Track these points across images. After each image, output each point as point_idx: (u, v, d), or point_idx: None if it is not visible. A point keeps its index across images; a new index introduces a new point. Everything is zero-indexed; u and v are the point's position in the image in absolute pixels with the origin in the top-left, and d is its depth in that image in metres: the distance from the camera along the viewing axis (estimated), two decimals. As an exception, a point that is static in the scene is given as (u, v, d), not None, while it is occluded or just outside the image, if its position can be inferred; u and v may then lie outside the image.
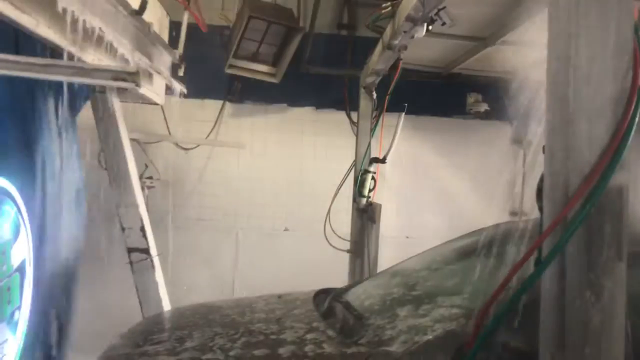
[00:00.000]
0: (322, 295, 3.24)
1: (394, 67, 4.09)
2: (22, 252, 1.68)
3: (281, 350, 2.34)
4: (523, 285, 1.26)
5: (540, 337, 1.29)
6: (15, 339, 1.65)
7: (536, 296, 1.29)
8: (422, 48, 4.46)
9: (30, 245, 1.74)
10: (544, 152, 1.36)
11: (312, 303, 3.08)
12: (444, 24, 3.02)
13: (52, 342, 2.20)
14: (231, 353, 2.31)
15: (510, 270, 1.29)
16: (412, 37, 3.29)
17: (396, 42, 3.48)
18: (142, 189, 4.31)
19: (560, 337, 1.24)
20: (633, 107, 1.19)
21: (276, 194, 5.92)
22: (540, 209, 1.35)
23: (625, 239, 1.21)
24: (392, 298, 2.91)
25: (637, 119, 1.20)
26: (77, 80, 1.91)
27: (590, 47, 1.20)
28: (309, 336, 2.50)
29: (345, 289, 3.36)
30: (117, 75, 1.68)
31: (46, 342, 2.22)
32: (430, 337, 2.30)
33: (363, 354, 2.32)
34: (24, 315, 1.74)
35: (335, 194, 5.35)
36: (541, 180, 1.36)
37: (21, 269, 1.70)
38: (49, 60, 1.84)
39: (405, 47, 3.52)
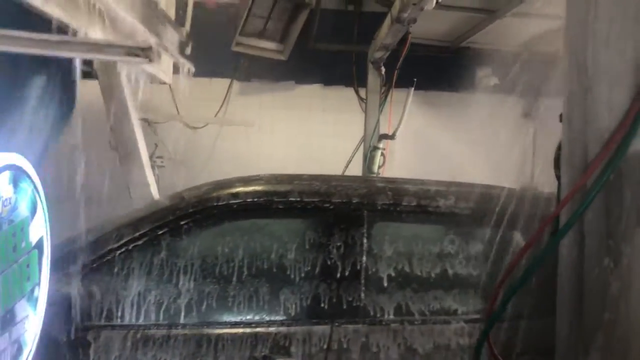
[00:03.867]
0: None
1: (403, 41, 4.06)
2: (40, 229, 1.69)
3: None
4: (540, 254, 1.26)
5: (557, 305, 1.29)
6: (36, 315, 1.67)
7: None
8: (431, 22, 4.41)
9: (47, 221, 1.75)
10: (560, 120, 1.34)
11: None
12: (453, -5, 2.98)
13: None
14: None
15: (527, 241, 1.29)
16: (422, 9, 3.25)
17: (405, 15, 3.44)
18: (153, 168, 4.32)
19: (578, 304, 1.24)
20: (654, 70, 1.17)
21: (285, 171, 5.91)
22: (558, 177, 1.35)
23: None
24: None
25: (658, 83, 1.18)
26: (90, 56, 1.90)
27: (609, 9, 1.17)
28: None
29: None
30: (130, 51, 1.67)
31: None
32: None
33: None
34: (43, 291, 1.75)
35: (344, 171, 5.36)
36: (559, 148, 1.34)
37: (39, 246, 1.71)
38: (61, 37, 1.84)
39: (415, 20, 3.49)
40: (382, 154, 4.70)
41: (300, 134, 5.90)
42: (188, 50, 4.38)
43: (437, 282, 2.31)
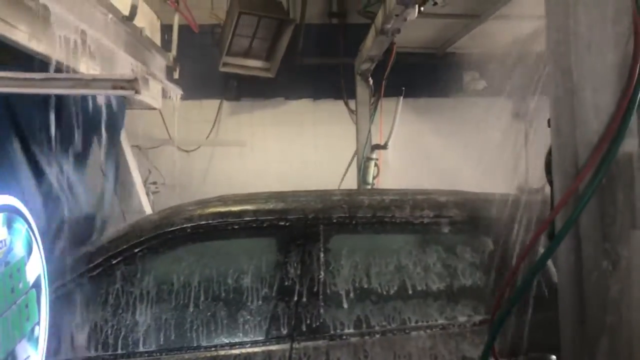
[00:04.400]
0: None
1: (389, 51, 4.08)
2: (37, 267, 1.69)
3: None
4: (539, 260, 1.26)
5: (559, 311, 1.29)
6: (37, 355, 1.65)
7: None
8: (415, 30, 4.44)
9: (44, 260, 1.74)
10: (549, 125, 1.35)
11: None
12: (435, 3, 3.00)
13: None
14: None
15: (525, 247, 1.29)
16: (405, 19, 3.27)
17: (389, 26, 3.46)
18: (147, 194, 4.31)
19: (580, 309, 1.23)
20: (637, 72, 1.18)
21: (281, 188, 5.91)
22: (550, 182, 1.35)
23: (638, 205, 1.21)
24: None
25: (642, 84, 1.18)
26: (76, 92, 1.90)
27: (589, 13, 1.18)
28: None
29: None
30: (116, 84, 1.67)
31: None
32: None
33: None
34: (43, 330, 1.74)
35: (340, 184, 5.36)
36: (549, 153, 1.35)
37: (37, 285, 1.70)
38: (46, 75, 1.84)
39: (399, 31, 3.51)
40: (376, 165, 4.71)
41: (293, 150, 5.91)
42: (176, 75, 4.40)
43: (396, 293, 2.30)
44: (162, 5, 4.15)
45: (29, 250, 1.68)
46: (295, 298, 2.25)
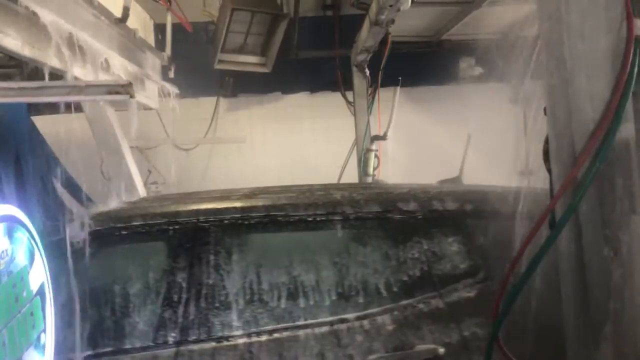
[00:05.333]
0: None
1: (384, 41, 4.06)
2: (40, 275, 1.69)
3: None
4: (541, 249, 1.26)
5: (563, 299, 1.29)
6: (44, 362, 1.65)
7: None
8: (409, 19, 4.42)
9: (47, 267, 1.74)
10: (545, 114, 1.34)
11: None
12: (428, -8, 2.99)
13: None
14: None
15: (527, 237, 1.28)
16: (398, 9, 3.25)
17: (383, 17, 3.45)
18: (148, 194, 4.31)
19: (583, 295, 1.24)
20: (630, 58, 1.17)
21: (281, 182, 5.91)
22: (549, 170, 1.35)
23: (637, 191, 1.21)
24: None
25: (636, 70, 1.18)
26: (71, 99, 1.90)
27: (580, 1, 1.18)
28: None
29: None
30: (111, 89, 1.67)
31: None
32: None
33: None
34: (49, 337, 1.75)
35: (340, 176, 5.35)
36: (546, 142, 1.35)
37: (41, 292, 1.70)
38: (40, 83, 1.84)
39: (393, 21, 3.49)
40: (376, 156, 4.70)
41: (292, 144, 5.90)
42: (171, 74, 4.39)
43: (286, 293, 2.26)
44: (154, 5, 4.13)
45: (31, 259, 1.69)
46: (184, 302, 2.21)
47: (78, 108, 3.71)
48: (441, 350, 2.06)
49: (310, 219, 2.35)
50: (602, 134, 1.17)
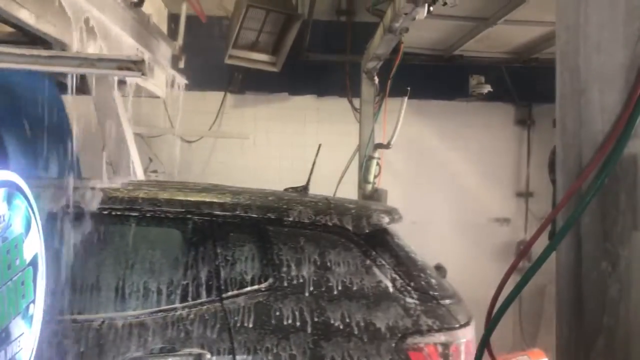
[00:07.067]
0: None
1: (395, 50, 4.08)
2: (34, 246, 1.68)
3: None
4: (539, 258, 1.26)
5: (556, 309, 1.29)
6: (31, 333, 1.65)
7: None
8: (423, 30, 4.43)
9: (42, 238, 1.74)
10: (554, 125, 1.34)
11: None
12: (445, 4, 2.99)
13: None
14: None
15: (526, 244, 1.28)
16: (414, 18, 3.26)
17: (397, 24, 3.46)
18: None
19: (578, 308, 1.23)
20: (645, 73, 1.17)
21: (280, 183, 5.90)
22: (553, 181, 1.34)
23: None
24: None
25: (649, 86, 1.18)
26: (82, 71, 1.90)
27: (599, 14, 1.18)
28: None
29: None
30: (122, 65, 1.67)
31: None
32: None
33: None
34: (38, 308, 1.74)
35: (340, 181, 5.35)
36: (553, 153, 1.35)
37: (34, 263, 1.70)
38: (53, 52, 1.84)
39: (407, 30, 3.50)
40: (378, 164, 4.70)
41: (295, 145, 5.90)
42: (181, 64, 4.39)
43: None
44: (170, -6, 4.15)
45: (28, 228, 1.68)
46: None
47: (83, 91, 3.72)
48: (208, 356, 2.12)
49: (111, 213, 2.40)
50: (610, 148, 1.17)
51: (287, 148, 5.90)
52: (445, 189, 5.95)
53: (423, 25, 3.74)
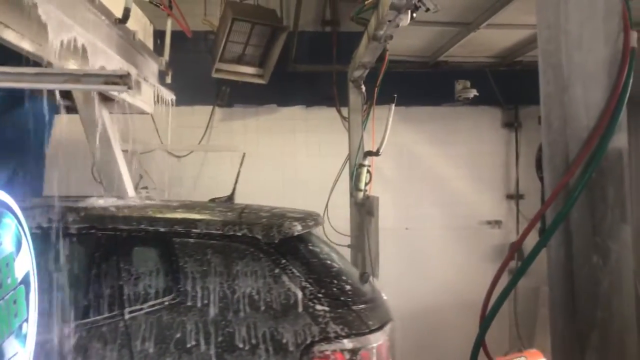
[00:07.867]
0: None
1: (381, 58, 4.10)
2: (26, 264, 1.67)
3: None
4: (529, 255, 1.26)
5: (549, 305, 1.29)
6: (25, 352, 1.63)
7: None
8: (407, 38, 4.47)
9: (33, 256, 1.72)
10: (539, 122, 1.36)
11: None
12: (427, 10, 3.02)
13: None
14: None
15: (514, 243, 1.29)
16: (397, 25, 3.29)
17: (381, 32, 3.48)
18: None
19: (570, 302, 1.24)
20: (627, 69, 1.19)
21: (272, 194, 5.90)
22: (541, 178, 1.36)
23: (628, 200, 1.22)
24: None
25: (631, 81, 1.20)
26: (68, 87, 1.90)
27: (579, 11, 1.20)
28: None
29: None
30: (108, 80, 1.67)
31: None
32: None
33: None
34: (32, 327, 1.72)
35: (332, 190, 5.36)
36: (539, 150, 1.36)
37: (26, 281, 1.68)
38: (39, 69, 1.83)
39: (391, 37, 3.52)
40: (368, 171, 4.70)
41: (285, 156, 5.90)
42: (168, 79, 4.39)
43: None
44: (155, 11, 4.15)
45: (18, 246, 1.67)
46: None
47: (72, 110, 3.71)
48: None
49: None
50: (595, 143, 1.19)
51: (278, 159, 5.90)
52: (437, 193, 5.97)
53: (407, 32, 3.77)
